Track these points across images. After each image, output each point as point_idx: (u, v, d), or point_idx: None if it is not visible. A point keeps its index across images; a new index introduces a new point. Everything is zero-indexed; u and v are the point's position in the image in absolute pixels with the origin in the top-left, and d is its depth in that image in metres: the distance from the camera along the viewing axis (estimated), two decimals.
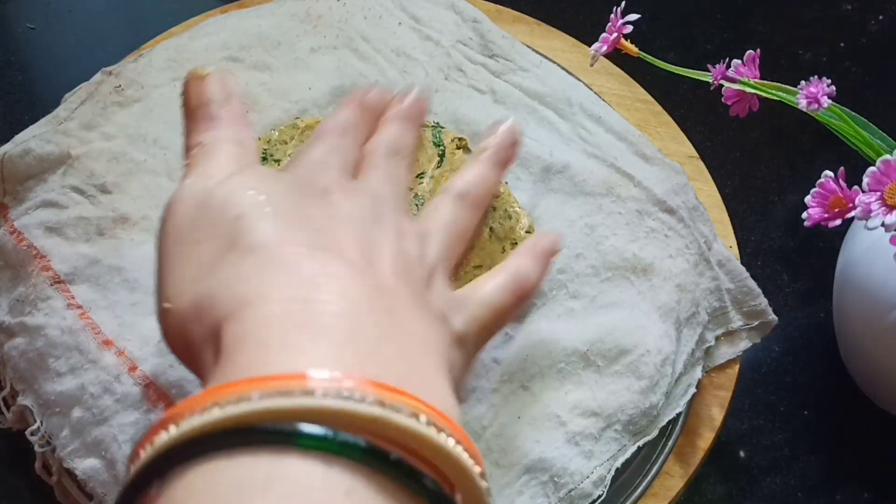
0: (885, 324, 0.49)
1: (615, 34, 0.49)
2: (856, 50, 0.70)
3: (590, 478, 0.43)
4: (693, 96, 0.64)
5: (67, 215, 0.47)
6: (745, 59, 0.47)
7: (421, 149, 0.51)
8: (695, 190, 0.51)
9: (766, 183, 0.64)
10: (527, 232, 0.47)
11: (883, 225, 0.38)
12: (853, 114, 0.45)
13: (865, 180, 0.39)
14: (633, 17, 0.49)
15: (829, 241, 0.60)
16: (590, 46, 0.51)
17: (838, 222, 0.41)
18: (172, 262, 0.33)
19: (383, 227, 0.35)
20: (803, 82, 0.43)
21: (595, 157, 0.50)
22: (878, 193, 0.39)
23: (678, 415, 0.47)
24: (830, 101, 0.43)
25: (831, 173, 0.41)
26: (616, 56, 0.51)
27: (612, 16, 0.49)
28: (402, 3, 0.56)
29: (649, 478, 0.47)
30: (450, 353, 0.34)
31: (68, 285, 0.45)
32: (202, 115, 0.37)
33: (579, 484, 0.43)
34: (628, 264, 0.47)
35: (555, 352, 0.44)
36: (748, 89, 0.46)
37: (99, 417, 0.42)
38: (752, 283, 0.49)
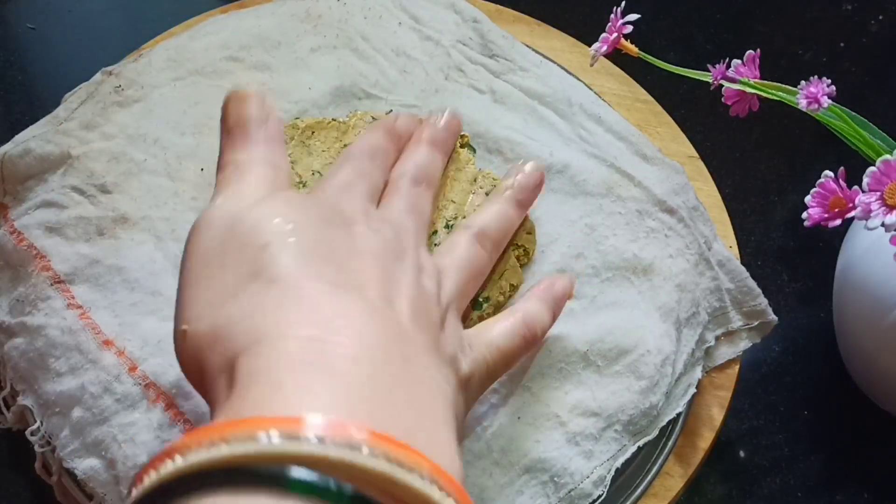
0: (885, 324, 0.49)
1: (615, 34, 0.49)
2: (856, 50, 0.70)
3: (590, 478, 0.43)
4: (693, 96, 0.64)
5: (67, 215, 0.47)
6: (745, 59, 0.47)
7: None
8: (695, 190, 0.51)
9: (766, 183, 0.64)
10: (528, 233, 0.47)
11: (883, 225, 0.38)
12: (853, 114, 0.45)
13: (865, 180, 0.39)
14: (633, 17, 0.49)
15: (829, 241, 0.60)
16: (590, 46, 0.51)
17: (838, 222, 0.41)
18: (195, 283, 0.33)
19: (404, 264, 0.35)
20: (803, 82, 0.43)
21: (595, 157, 0.50)
22: (878, 193, 0.39)
23: (678, 415, 0.47)
24: (830, 101, 0.43)
25: (831, 173, 0.41)
26: (616, 56, 0.51)
27: (612, 16, 0.49)
28: (402, 3, 0.56)
29: (649, 478, 0.47)
30: (456, 400, 0.34)
31: (68, 285, 0.45)
32: (238, 133, 0.37)
33: (579, 484, 0.43)
34: (628, 264, 0.47)
35: (555, 352, 0.44)
36: (748, 89, 0.46)
37: (99, 417, 0.42)
38: (752, 283, 0.49)
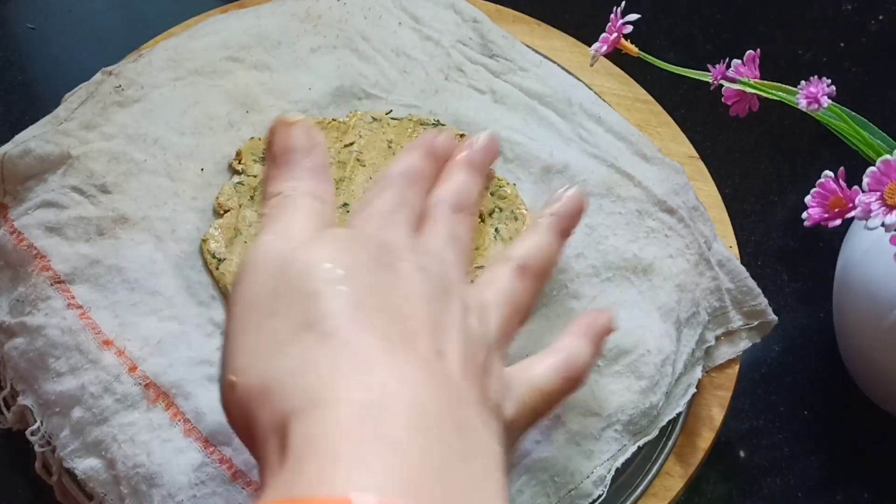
0: (885, 324, 0.49)
1: (615, 34, 0.49)
2: (856, 50, 0.70)
3: (590, 477, 0.43)
4: (693, 96, 0.64)
5: (67, 215, 0.47)
6: (745, 59, 0.47)
7: None
8: (695, 190, 0.51)
9: (766, 183, 0.64)
10: None
11: (883, 225, 0.39)
12: (853, 114, 0.45)
13: (865, 180, 0.39)
14: (633, 17, 0.49)
15: (829, 241, 0.60)
16: (590, 46, 0.51)
17: (838, 222, 0.41)
18: (243, 330, 0.32)
19: (450, 305, 0.34)
20: (803, 82, 0.43)
21: (595, 157, 0.50)
22: (878, 193, 0.39)
23: (678, 415, 0.47)
24: (830, 101, 0.43)
25: (831, 173, 0.41)
26: (616, 56, 0.51)
27: (612, 16, 0.49)
28: (402, 3, 0.56)
29: (649, 478, 0.47)
30: (504, 457, 0.32)
31: (68, 285, 0.45)
32: (285, 162, 0.37)
33: (579, 483, 0.43)
34: (628, 264, 0.47)
35: None
36: (748, 89, 0.46)
37: (99, 417, 0.42)
38: (752, 283, 0.49)
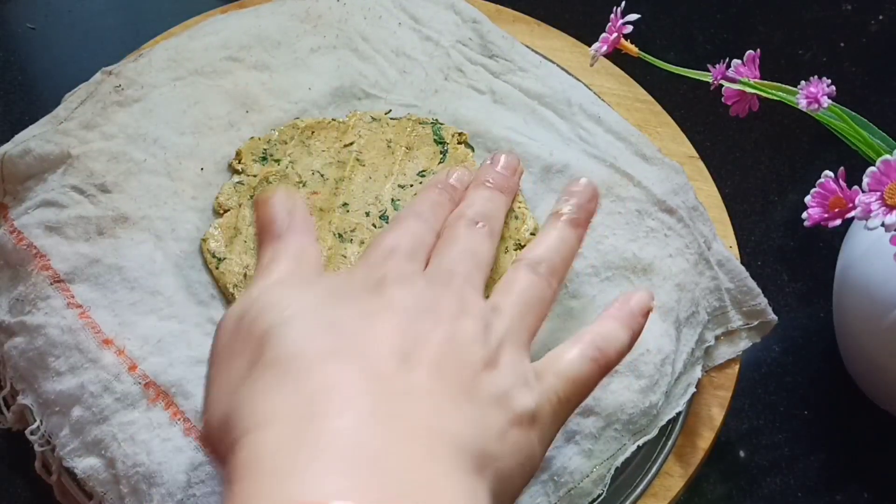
0: (885, 324, 0.49)
1: (615, 34, 0.49)
2: (856, 50, 0.70)
3: (589, 477, 0.43)
4: (693, 96, 0.64)
5: (67, 215, 0.47)
6: (745, 59, 0.47)
7: (422, 146, 0.51)
8: (695, 190, 0.51)
9: (766, 183, 0.64)
10: (531, 234, 0.47)
11: (883, 225, 0.38)
12: (853, 114, 0.45)
13: (865, 180, 0.39)
14: (633, 17, 0.49)
15: (829, 241, 0.60)
16: (590, 46, 0.51)
17: (838, 222, 0.41)
18: (215, 376, 0.35)
19: (438, 312, 0.34)
20: (803, 82, 0.43)
21: (595, 157, 0.50)
22: (878, 193, 0.39)
23: (678, 414, 0.47)
24: (830, 101, 0.43)
25: (831, 173, 0.41)
26: (616, 56, 0.51)
27: (612, 16, 0.49)
28: (402, 4, 0.56)
29: (649, 477, 0.47)
30: (491, 445, 0.32)
31: (68, 284, 0.45)
32: (268, 233, 0.39)
33: (579, 483, 0.43)
34: (628, 264, 0.47)
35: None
36: (748, 89, 0.46)
37: (99, 416, 0.42)
38: (752, 283, 0.49)
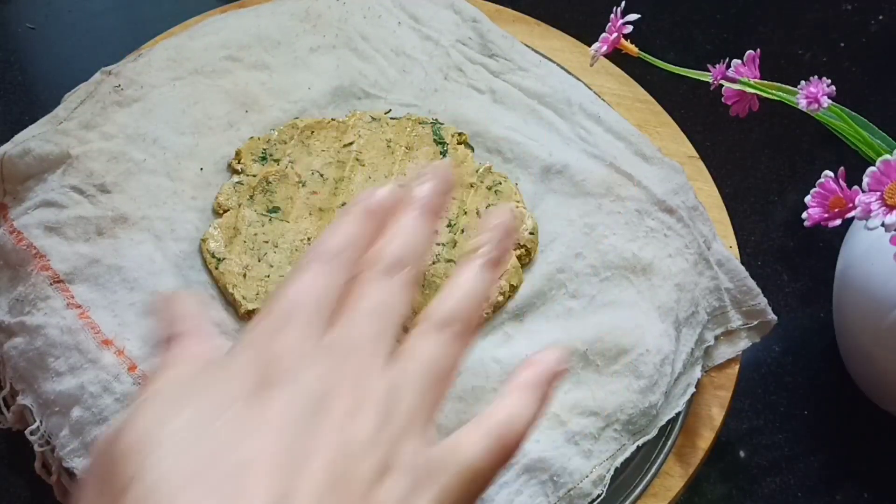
0: (885, 324, 0.49)
1: (615, 34, 0.49)
2: (856, 50, 0.70)
3: (589, 477, 0.43)
4: (693, 96, 0.64)
5: (67, 215, 0.47)
6: (745, 59, 0.47)
7: (422, 146, 0.51)
8: (694, 190, 0.51)
9: (766, 183, 0.64)
10: (530, 234, 0.47)
11: (883, 225, 0.38)
12: (853, 114, 0.45)
13: (865, 180, 0.39)
14: (633, 17, 0.49)
15: (829, 241, 0.60)
16: (590, 46, 0.51)
17: (838, 222, 0.41)
18: None
19: (326, 416, 0.30)
20: (803, 82, 0.43)
21: (594, 156, 0.50)
22: (878, 193, 0.39)
23: (677, 414, 0.47)
24: (830, 101, 0.43)
25: (831, 173, 0.41)
26: (616, 56, 0.51)
27: (612, 16, 0.49)
28: (402, 3, 0.56)
29: (649, 477, 0.47)
30: None
31: (68, 285, 0.45)
32: (160, 341, 0.35)
33: (578, 483, 0.43)
34: (628, 264, 0.47)
35: None
36: (748, 89, 0.46)
37: (98, 417, 0.42)
38: (752, 283, 0.49)
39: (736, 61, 0.47)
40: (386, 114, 0.52)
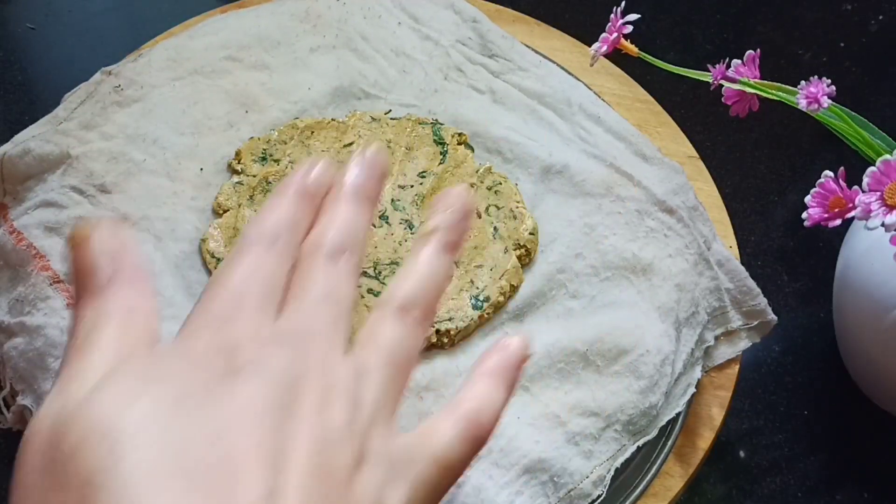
0: (885, 324, 0.49)
1: (615, 34, 0.49)
2: (856, 50, 0.70)
3: (589, 477, 0.43)
4: (693, 96, 0.64)
5: (67, 215, 0.47)
6: (745, 59, 0.47)
7: (422, 146, 0.51)
8: (694, 190, 0.51)
9: (766, 183, 0.64)
10: (530, 234, 0.47)
11: (883, 225, 0.38)
12: (853, 114, 0.45)
13: (865, 180, 0.39)
14: (633, 17, 0.49)
15: (829, 241, 0.60)
16: (590, 46, 0.51)
17: (838, 222, 0.41)
18: None
19: (301, 409, 0.29)
20: (803, 82, 0.43)
21: (594, 157, 0.50)
22: (878, 193, 0.39)
23: (678, 414, 0.47)
24: (830, 101, 0.43)
25: (831, 173, 0.41)
26: (616, 56, 0.50)
27: (612, 16, 0.49)
28: (402, 3, 0.56)
29: (649, 477, 0.47)
30: None
31: (68, 285, 0.45)
32: (86, 288, 0.31)
33: (579, 484, 0.43)
34: (628, 264, 0.47)
35: (554, 352, 0.44)
36: (748, 89, 0.46)
37: None
38: (752, 283, 0.49)
39: (736, 61, 0.47)
40: (386, 114, 0.52)
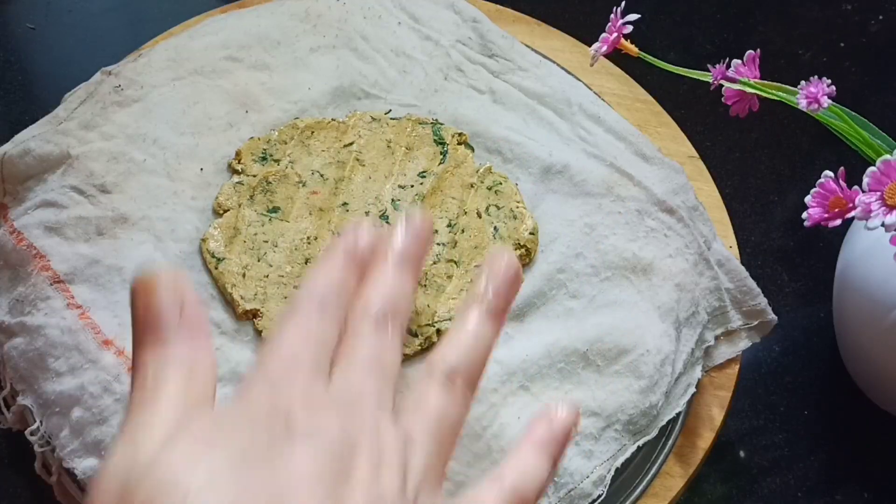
0: (885, 324, 0.49)
1: (615, 34, 0.49)
2: (856, 50, 0.70)
3: (589, 477, 0.43)
4: (693, 96, 0.64)
5: (67, 215, 0.47)
6: (745, 59, 0.47)
7: (422, 146, 0.51)
8: (695, 190, 0.51)
9: (766, 183, 0.64)
10: (530, 234, 0.47)
11: (883, 225, 0.38)
12: (853, 114, 0.45)
13: (865, 180, 0.39)
14: (633, 17, 0.49)
15: (829, 241, 0.60)
16: (590, 46, 0.51)
17: (838, 222, 0.41)
18: None
19: (354, 474, 0.30)
20: (803, 82, 0.43)
21: (595, 157, 0.50)
22: (878, 193, 0.39)
23: (678, 414, 0.47)
24: (830, 101, 0.43)
25: (831, 173, 0.41)
26: (616, 56, 0.51)
27: (612, 16, 0.49)
28: (402, 3, 0.56)
29: (649, 477, 0.47)
30: None
31: (68, 285, 0.45)
32: (150, 334, 0.32)
33: (579, 483, 0.43)
34: (628, 264, 0.47)
35: (554, 352, 0.44)
36: (748, 89, 0.46)
37: (98, 417, 0.42)
38: (752, 283, 0.49)
39: (736, 61, 0.47)
40: (386, 114, 0.52)
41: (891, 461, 0.54)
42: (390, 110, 0.52)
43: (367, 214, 0.48)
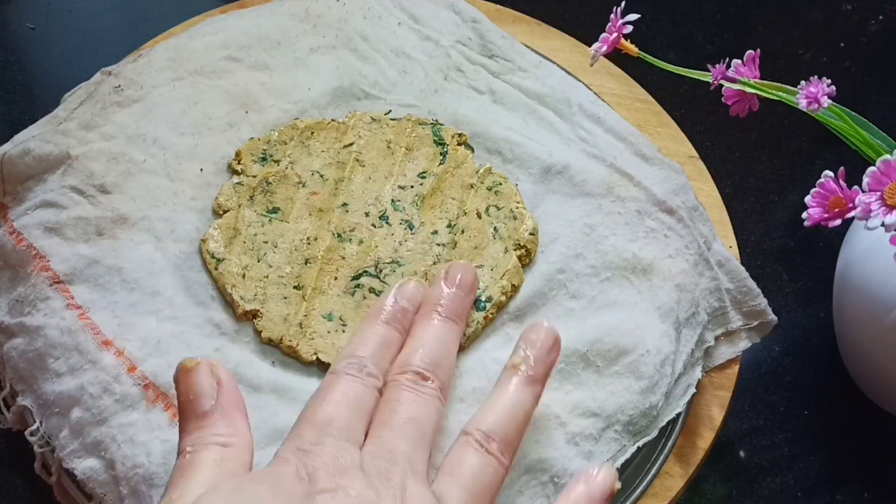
0: (885, 324, 0.49)
1: (615, 34, 0.49)
2: (856, 50, 0.70)
3: None
4: (693, 96, 0.64)
5: (67, 215, 0.47)
6: (745, 59, 0.47)
7: (422, 146, 0.51)
8: (695, 190, 0.51)
9: (766, 183, 0.64)
10: (530, 234, 0.47)
11: (883, 225, 0.38)
12: (853, 114, 0.45)
13: (865, 180, 0.39)
14: (633, 17, 0.49)
15: (829, 241, 0.60)
16: (590, 46, 0.51)
17: (838, 222, 0.41)
18: None
19: None
20: (803, 82, 0.43)
21: (595, 157, 0.50)
22: (878, 193, 0.39)
23: (678, 415, 0.47)
24: (830, 101, 0.43)
25: (831, 173, 0.41)
26: (616, 56, 0.51)
27: (612, 16, 0.49)
28: (402, 3, 0.56)
29: (649, 478, 0.47)
30: None
31: (67, 285, 0.45)
32: (191, 411, 0.36)
33: None
34: (628, 264, 0.47)
35: None
36: (748, 89, 0.46)
37: (98, 418, 0.42)
38: (752, 283, 0.49)
39: (736, 61, 0.47)
40: (386, 114, 0.52)
41: (891, 461, 0.54)
42: (390, 111, 0.52)
43: (366, 215, 0.48)
